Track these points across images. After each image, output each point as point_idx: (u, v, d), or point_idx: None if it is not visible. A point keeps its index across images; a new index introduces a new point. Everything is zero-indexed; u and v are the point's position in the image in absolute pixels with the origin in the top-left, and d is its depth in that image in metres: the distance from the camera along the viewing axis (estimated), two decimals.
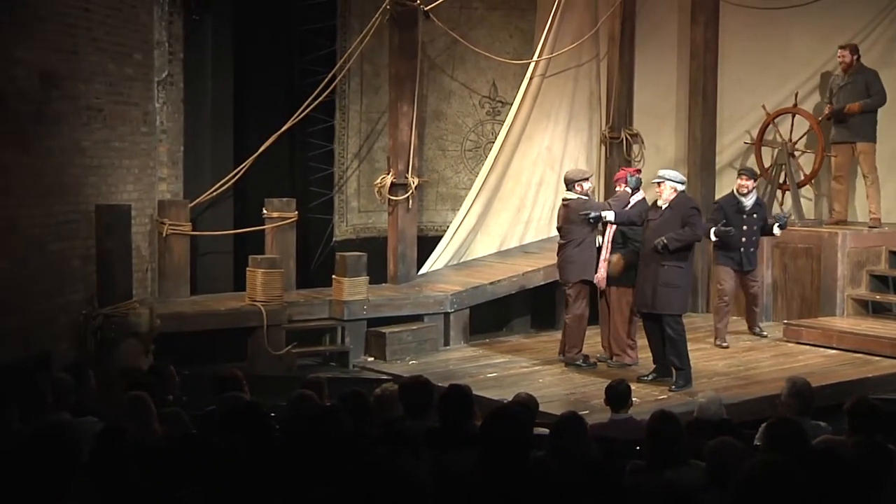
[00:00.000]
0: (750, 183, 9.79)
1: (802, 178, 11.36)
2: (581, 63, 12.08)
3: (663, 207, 8.36)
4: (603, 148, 12.37)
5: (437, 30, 11.30)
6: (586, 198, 9.08)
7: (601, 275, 8.99)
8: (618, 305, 9.01)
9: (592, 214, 8.85)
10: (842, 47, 10.77)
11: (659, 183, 8.43)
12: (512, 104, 11.70)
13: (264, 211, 10.46)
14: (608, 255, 8.98)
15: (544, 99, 11.77)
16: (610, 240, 8.98)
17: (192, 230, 10.18)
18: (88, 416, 5.37)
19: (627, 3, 11.87)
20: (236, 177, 10.51)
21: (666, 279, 8.25)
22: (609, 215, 8.82)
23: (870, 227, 10.71)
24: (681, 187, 8.45)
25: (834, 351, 9.50)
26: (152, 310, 8.57)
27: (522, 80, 11.61)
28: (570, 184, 9.16)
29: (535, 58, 11.56)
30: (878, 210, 10.73)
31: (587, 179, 9.22)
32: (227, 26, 10.87)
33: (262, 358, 9.34)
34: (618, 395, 6.47)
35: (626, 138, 12.15)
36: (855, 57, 10.71)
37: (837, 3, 11.44)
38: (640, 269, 8.54)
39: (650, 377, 8.44)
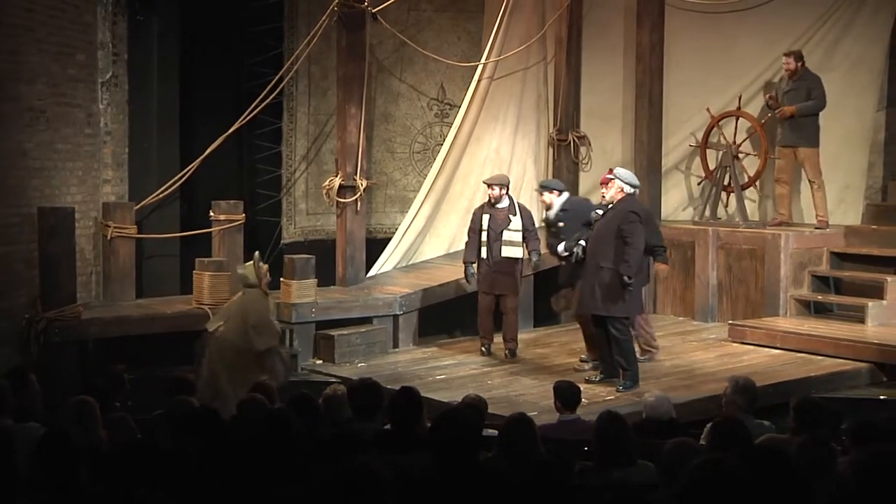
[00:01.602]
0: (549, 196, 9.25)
1: (746, 179, 11.52)
2: (528, 66, 12.14)
3: (608, 209, 8.37)
4: (550, 150, 12.44)
5: (385, 32, 11.29)
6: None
7: None
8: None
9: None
10: (786, 54, 10.91)
11: (607, 181, 8.40)
12: (460, 106, 11.72)
13: (211, 213, 10.37)
14: None
15: (492, 101, 11.82)
16: None
17: (138, 233, 10.07)
18: (31, 421, 5.30)
19: (574, 6, 11.96)
20: (183, 179, 10.41)
21: (605, 282, 8.21)
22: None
23: (816, 227, 10.87)
24: (629, 189, 8.33)
25: (777, 351, 9.63)
26: (255, 258, 8.47)
27: (470, 83, 11.64)
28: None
29: (482, 60, 11.60)
30: (825, 213, 10.89)
31: (491, 186, 9.50)
32: (172, 27, 10.76)
33: None
34: (566, 396, 6.52)
35: (574, 141, 12.24)
36: (799, 63, 10.85)
37: (780, 8, 11.62)
38: (584, 270, 8.51)
39: (597, 378, 8.49)
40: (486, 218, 9.51)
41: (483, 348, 9.75)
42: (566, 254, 8.93)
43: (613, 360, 8.38)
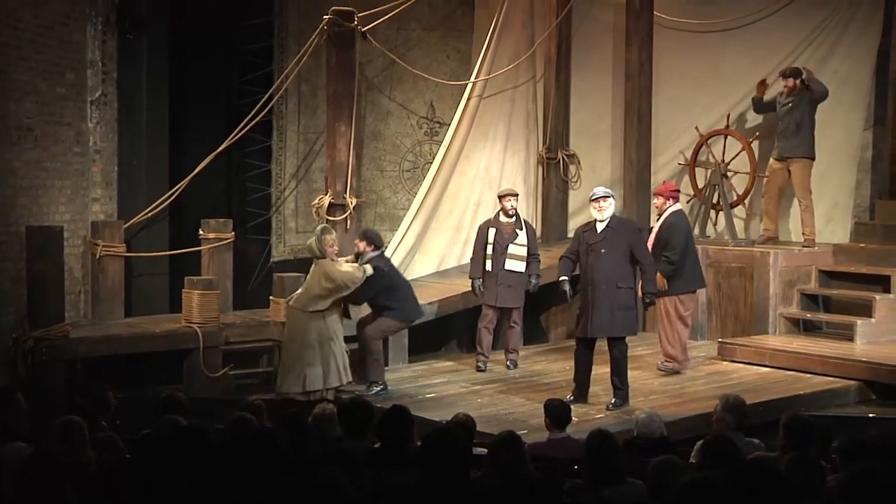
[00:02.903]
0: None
1: (735, 198, 11.55)
2: (518, 84, 12.18)
3: (601, 229, 8.29)
4: (540, 168, 12.47)
5: (375, 50, 11.32)
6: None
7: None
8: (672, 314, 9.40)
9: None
10: (783, 76, 10.92)
11: (604, 197, 8.30)
12: (450, 125, 11.76)
13: (200, 232, 10.36)
14: None
15: (482, 119, 11.85)
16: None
17: (127, 251, 10.05)
18: (18, 441, 5.26)
19: (563, 25, 12.01)
20: (172, 197, 10.40)
21: (624, 302, 8.22)
22: None
23: (804, 246, 10.89)
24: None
25: (767, 368, 9.64)
26: (317, 232, 8.83)
27: (460, 101, 11.68)
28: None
29: (472, 79, 11.64)
30: (812, 232, 10.92)
31: (506, 197, 9.72)
32: (162, 46, 10.77)
33: (198, 380, 9.24)
34: (556, 415, 6.50)
35: (563, 159, 12.27)
36: (798, 80, 10.90)
37: (768, 27, 11.69)
38: (590, 294, 8.24)
39: (569, 398, 8.08)
40: (492, 232, 9.64)
41: (480, 364, 9.77)
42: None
43: (610, 380, 8.35)
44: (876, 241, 10.82)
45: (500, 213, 9.74)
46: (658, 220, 9.57)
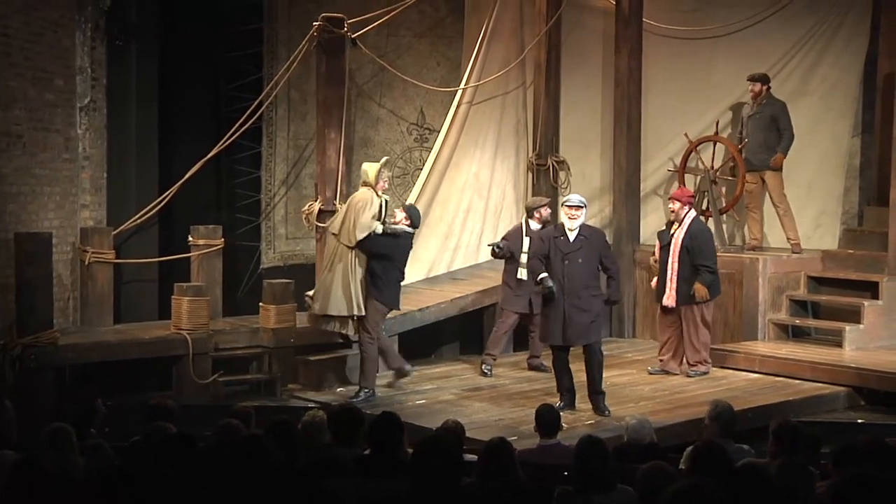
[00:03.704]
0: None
1: (724, 204, 11.58)
2: (508, 91, 12.19)
3: (574, 237, 8.32)
4: (530, 175, 12.47)
5: (365, 57, 11.32)
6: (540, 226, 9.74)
7: (672, 296, 9.53)
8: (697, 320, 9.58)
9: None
10: (751, 79, 11.01)
11: (579, 206, 8.36)
12: (440, 131, 11.76)
13: (190, 238, 10.35)
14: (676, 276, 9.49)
15: (472, 126, 11.86)
16: (677, 260, 9.45)
17: (116, 258, 10.02)
18: (6, 449, 5.24)
19: (553, 32, 12.03)
20: (161, 204, 10.38)
21: (597, 309, 8.38)
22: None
23: (792, 252, 10.94)
24: None
25: (756, 375, 9.66)
26: (383, 161, 9.24)
27: (450, 108, 11.68)
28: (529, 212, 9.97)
29: (462, 85, 11.65)
30: (797, 236, 10.98)
31: (545, 206, 9.97)
32: (151, 52, 10.76)
33: (187, 387, 9.21)
34: (547, 421, 6.51)
35: (553, 165, 12.28)
36: (765, 87, 10.98)
37: (757, 33, 11.73)
38: (565, 301, 8.26)
39: (560, 406, 8.11)
40: (526, 241, 9.67)
41: (485, 367, 9.84)
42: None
43: (594, 387, 8.36)
44: (864, 248, 10.87)
45: (531, 221, 9.81)
46: (670, 226, 9.63)
